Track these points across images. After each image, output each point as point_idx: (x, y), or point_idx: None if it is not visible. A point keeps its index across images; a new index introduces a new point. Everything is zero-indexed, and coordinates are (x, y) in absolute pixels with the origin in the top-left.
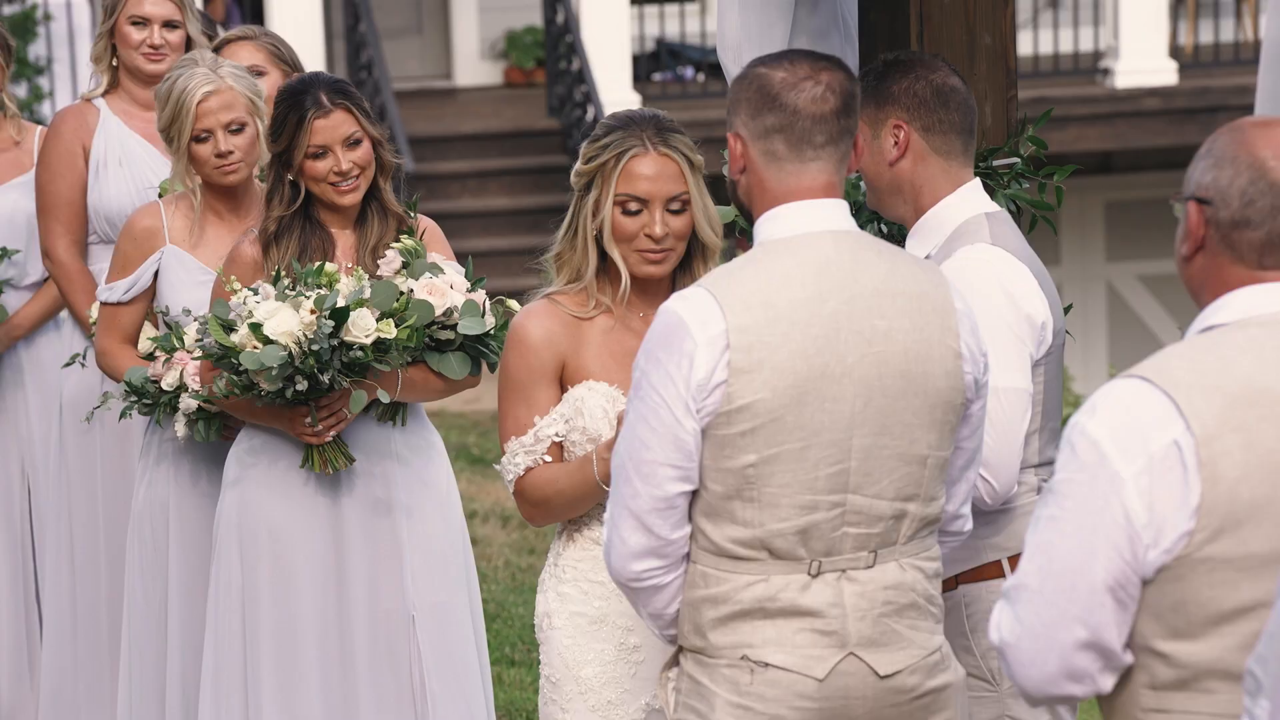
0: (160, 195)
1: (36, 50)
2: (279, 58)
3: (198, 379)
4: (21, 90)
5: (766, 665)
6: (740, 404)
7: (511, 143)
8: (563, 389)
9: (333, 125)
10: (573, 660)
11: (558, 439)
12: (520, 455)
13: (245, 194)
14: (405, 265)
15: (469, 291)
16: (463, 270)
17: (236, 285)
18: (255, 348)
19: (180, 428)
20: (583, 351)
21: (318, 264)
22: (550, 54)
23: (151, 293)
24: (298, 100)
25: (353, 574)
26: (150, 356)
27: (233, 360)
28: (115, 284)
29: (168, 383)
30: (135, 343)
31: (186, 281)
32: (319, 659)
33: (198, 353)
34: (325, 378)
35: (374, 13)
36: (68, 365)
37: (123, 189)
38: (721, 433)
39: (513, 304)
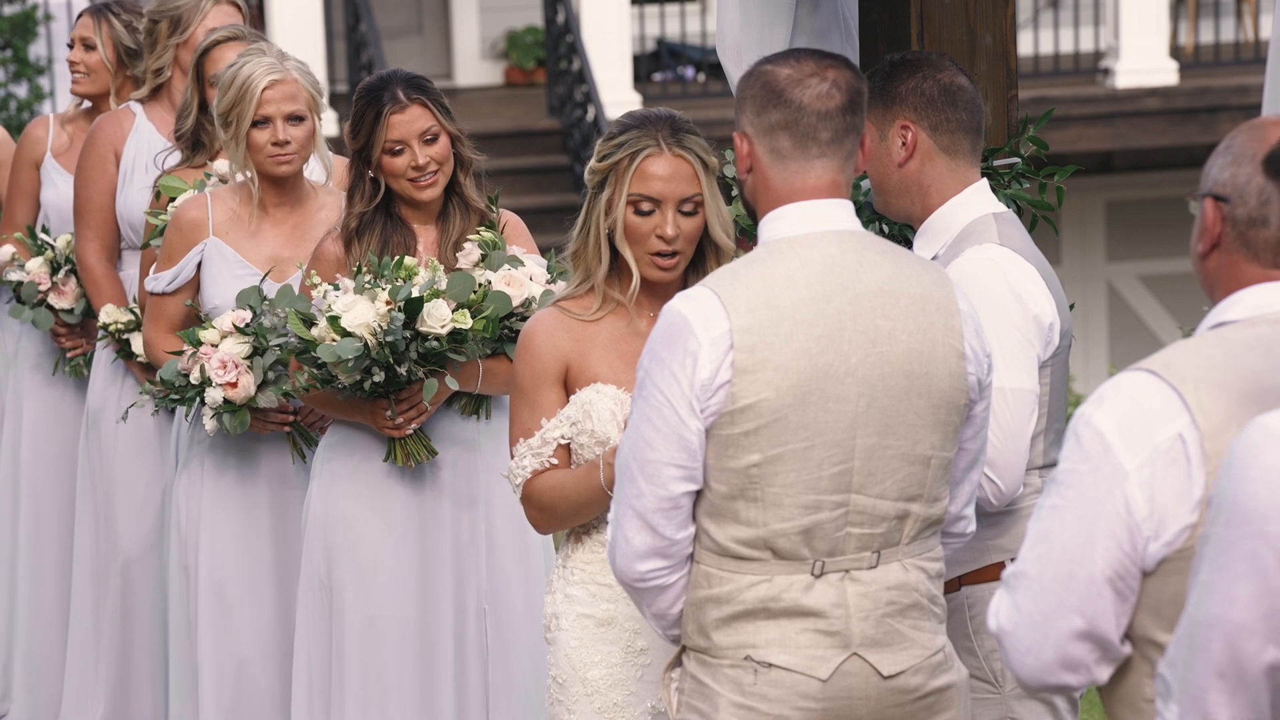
0: (202, 184)
1: (37, 50)
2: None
3: (221, 371)
4: (22, 90)
5: (770, 666)
6: (744, 404)
7: (512, 143)
8: (569, 392)
9: (409, 120)
10: (579, 662)
11: (564, 441)
12: (528, 458)
13: (294, 189)
14: (484, 257)
15: (549, 283)
16: (544, 263)
17: (316, 280)
18: (333, 340)
19: (208, 422)
20: (589, 354)
21: (397, 258)
22: (550, 54)
23: (195, 284)
24: (375, 96)
25: (433, 566)
26: (182, 351)
27: (312, 354)
28: (161, 274)
29: (194, 377)
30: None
31: (225, 274)
32: (402, 651)
33: (226, 344)
34: (402, 369)
35: (374, 13)
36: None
37: (146, 196)
38: (725, 432)
39: None
